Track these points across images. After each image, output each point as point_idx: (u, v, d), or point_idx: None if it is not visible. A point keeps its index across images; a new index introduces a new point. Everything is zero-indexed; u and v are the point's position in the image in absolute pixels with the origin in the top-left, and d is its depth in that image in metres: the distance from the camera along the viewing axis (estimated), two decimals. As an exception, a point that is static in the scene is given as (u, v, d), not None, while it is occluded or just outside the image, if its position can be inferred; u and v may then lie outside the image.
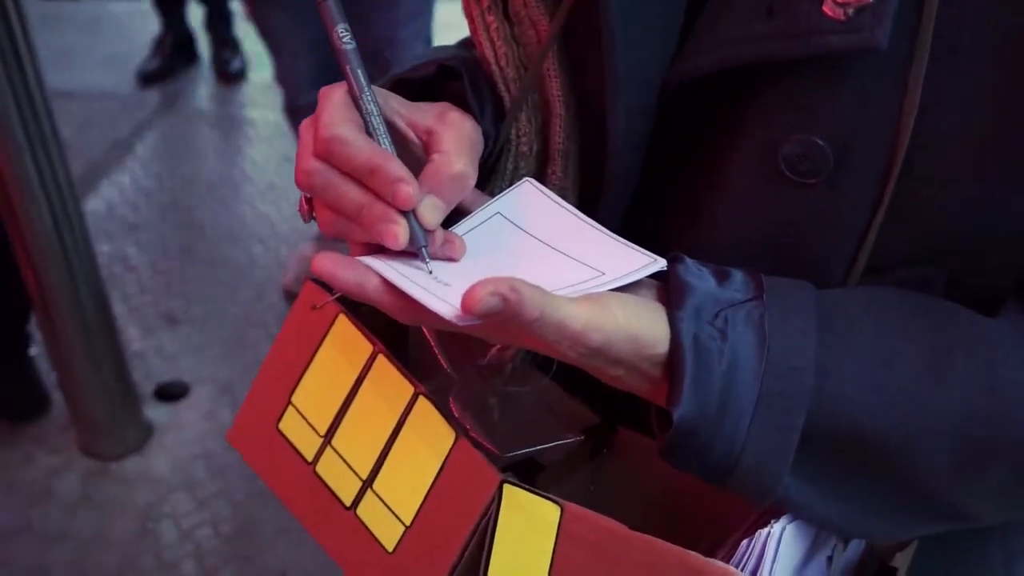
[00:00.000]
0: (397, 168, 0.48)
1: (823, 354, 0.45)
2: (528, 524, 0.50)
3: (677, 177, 0.54)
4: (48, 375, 2.01)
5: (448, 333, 0.57)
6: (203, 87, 3.39)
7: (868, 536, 0.52)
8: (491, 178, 0.57)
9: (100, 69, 3.45)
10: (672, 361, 0.45)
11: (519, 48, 0.55)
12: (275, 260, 2.45)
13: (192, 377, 2.12)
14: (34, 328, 1.93)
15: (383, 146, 0.49)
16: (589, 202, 0.54)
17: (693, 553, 0.47)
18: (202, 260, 2.52)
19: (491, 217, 0.52)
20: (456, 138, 0.51)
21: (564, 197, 0.54)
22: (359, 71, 0.50)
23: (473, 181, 0.51)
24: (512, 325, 0.42)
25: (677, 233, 0.53)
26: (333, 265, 0.46)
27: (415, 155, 0.52)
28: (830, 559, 0.51)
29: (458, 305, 0.43)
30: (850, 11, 0.44)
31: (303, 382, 0.60)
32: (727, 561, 0.48)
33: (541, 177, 0.55)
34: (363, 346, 0.57)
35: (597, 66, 0.50)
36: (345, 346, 0.58)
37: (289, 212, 2.61)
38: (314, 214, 0.52)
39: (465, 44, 0.61)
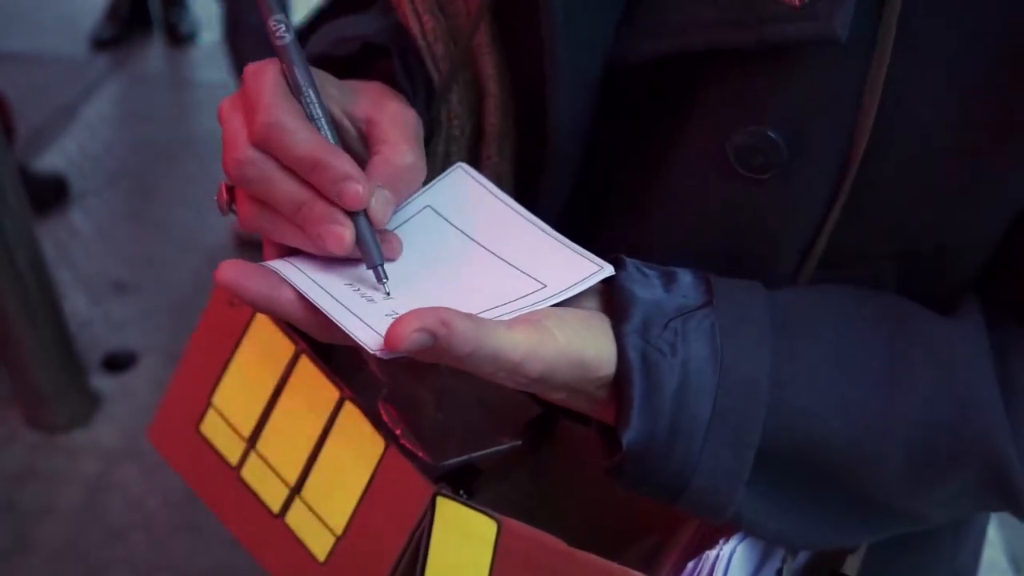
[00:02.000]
0: (345, 164, 0.41)
1: (778, 364, 0.41)
2: (463, 539, 0.46)
3: (622, 166, 0.49)
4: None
5: None
6: (153, 50, 3.27)
7: (821, 547, 0.48)
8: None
9: (48, 32, 3.30)
10: (619, 383, 0.41)
11: (447, 21, 0.49)
12: (227, 224, 2.36)
13: (140, 345, 2.04)
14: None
15: (327, 138, 0.43)
16: (528, 186, 0.49)
17: (635, 573, 0.43)
18: (152, 225, 2.42)
19: (421, 211, 0.46)
20: (401, 127, 0.45)
21: (501, 181, 0.49)
22: (300, 66, 0.43)
23: (423, 175, 0.45)
24: (441, 359, 0.38)
25: (622, 226, 0.48)
26: (239, 274, 0.40)
27: (350, 146, 0.46)
28: (779, 572, 0.48)
29: (382, 335, 0.37)
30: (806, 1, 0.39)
31: (223, 383, 0.55)
32: None
33: (476, 160, 0.50)
34: (284, 345, 0.52)
35: (533, 41, 0.44)
36: (265, 345, 0.53)
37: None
38: (234, 206, 0.45)
39: (385, 8, 0.53)
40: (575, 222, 0.47)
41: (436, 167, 0.50)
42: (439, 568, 0.47)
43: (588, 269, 0.42)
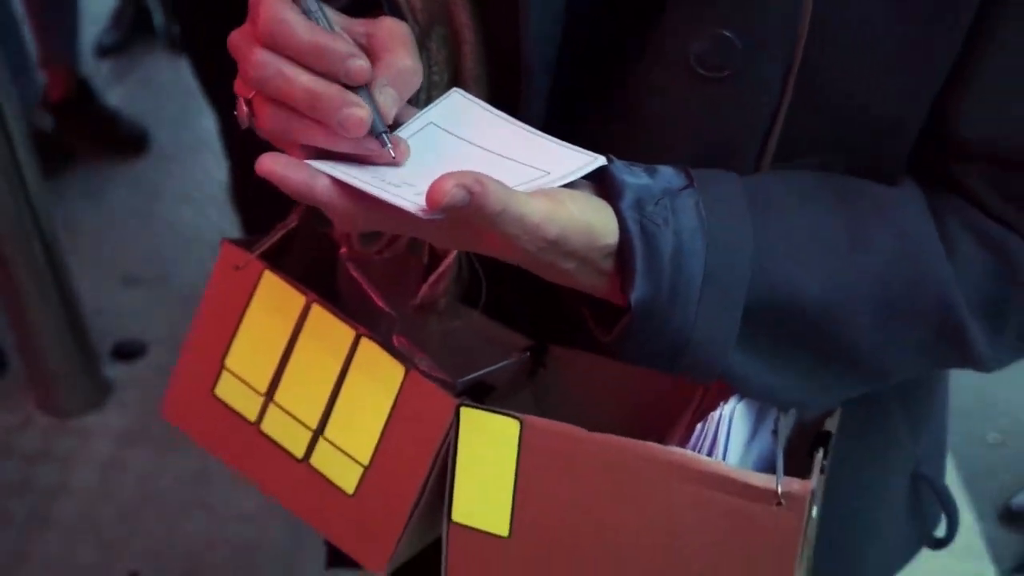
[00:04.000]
0: (345, 45, 0.44)
1: (757, 232, 0.46)
2: (489, 443, 0.49)
3: (592, 86, 0.53)
4: (6, 335, 1.94)
5: (376, 275, 0.55)
6: (155, 56, 3.28)
7: (805, 403, 0.53)
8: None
9: (53, 39, 3.30)
10: (623, 249, 0.45)
11: None
12: (230, 221, 2.39)
13: (149, 336, 2.07)
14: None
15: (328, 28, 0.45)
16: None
17: (651, 443, 0.46)
18: (157, 222, 2.45)
19: (425, 127, 0.48)
20: (398, 38, 0.47)
21: None
22: None
23: (420, 78, 0.47)
24: (474, 220, 0.41)
25: (598, 138, 0.50)
26: (279, 166, 0.43)
27: None
28: (775, 433, 0.51)
29: (419, 201, 0.40)
30: None
31: (234, 345, 0.57)
32: (683, 446, 0.48)
33: None
34: (294, 298, 0.54)
35: None
36: (275, 302, 0.55)
37: (243, 177, 2.54)
38: (253, 118, 0.46)
39: None
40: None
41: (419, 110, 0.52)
42: (468, 475, 0.49)
43: (584, 160, 0.46)
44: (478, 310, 0.58)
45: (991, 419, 2.07)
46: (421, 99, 0.52)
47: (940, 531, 0.72)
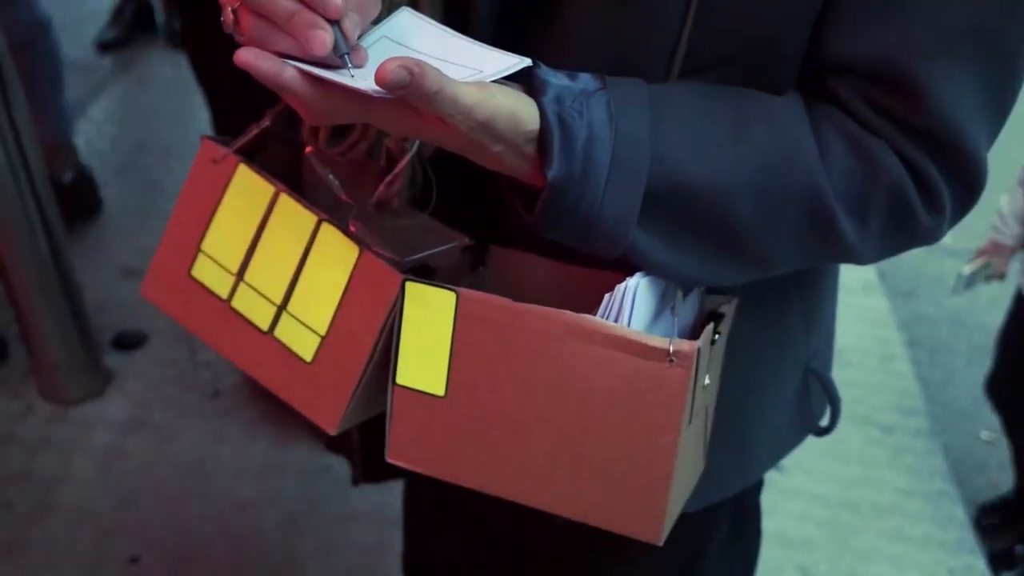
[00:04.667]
0: None
1: (656, 125, 0.53)
2: (429, 314, 0.56)
3: (534, 9, 0.60)
4: (9, 325, 1.95)
5: (339, 173, 0.62)
6: (156, 52, 3.29)
7: (699, 282, 0.61)
8: None
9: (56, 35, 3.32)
10: (542, 134, 0.51)
11: None
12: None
13: (148, 327, 2.08)
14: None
15: None
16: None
17: (569, 312, 0.54)
18: (157, 216, 2.46)
19: (378, 40, 0.55)
20: None
21: None
22: None
23: (380, 6, 0.55)
24: (414, 100, 0.47)
25: (532, 57, 0.57)
26: (252, 56, 0.49)
27: None
28: (672, 308, 0.59)
29: (372, 86, 0.47)
30: None
31: (210, 231, 0.63)
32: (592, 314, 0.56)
33: None
34: (265, 189, 0.60)
35: None
36: (247, 192, 0.61)
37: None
38: (237, 26, 0.52)
39: None
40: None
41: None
42: (411, 342, 0.56)
43: (513, 60, 0.53)
44: (427, 212, 0.65)
45: (984, 418, 2.10)
46: (383, 13, 0.58)
47: (824, 421, 0.81)
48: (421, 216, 0.65)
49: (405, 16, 0.56)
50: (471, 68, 0.52)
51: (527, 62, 0.53)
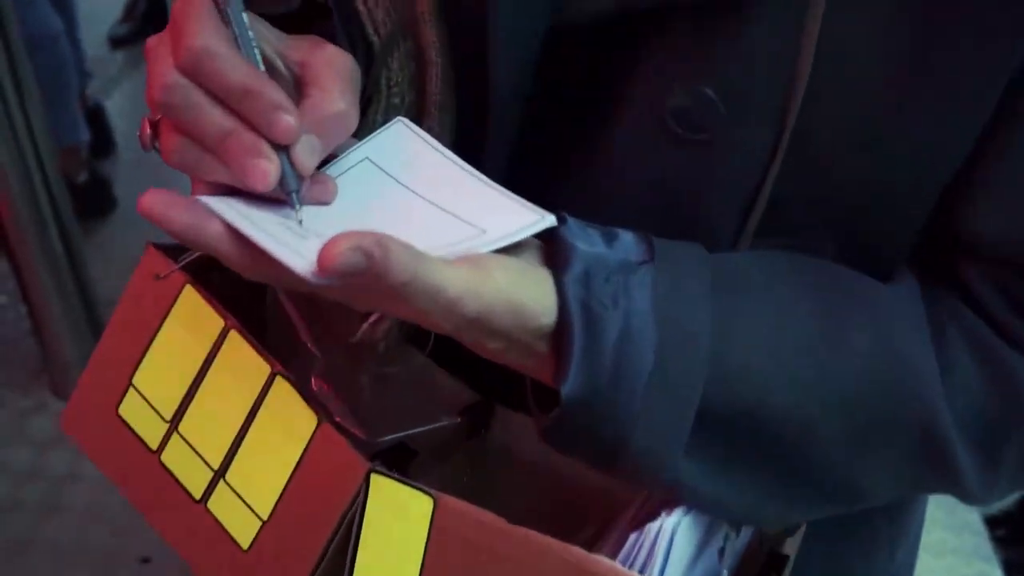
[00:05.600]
0: (278, 94, 0.38)
1: (718, 320, 0.40)
2: (398, 518, 0.43)
3: (563, 137, 0.47)
4: (22, 322, 1.95)
5: (313, 305, 0.49)
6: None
7: (761, 521, 0.46)
8: (358, 131, 0.48)
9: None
10: (560, 332, 0.38)
11: None
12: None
13: (161, 326, 2.07)
14: (7, 274, 1.90)
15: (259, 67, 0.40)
16: (470, 160, 0.46)
17: (575, 548, 0.40)
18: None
19: (359, 163, 0.43)
20: (336, 74, 0.41)
21: None
22: None
23: (355, 123, 0.42)
24: (377, 289, 0.35)
25: (563, 199, 0.45)
26: (165, 204, 0.38)
27: (283, 89, 0.42)
28: (722, 551, 0.45)
29: (315, 260, 0.34)
30: None
31: (145, 361, 0.51)
32: (614, 555, 0.43)
33: None
34: (213, 321, 0.48)
35: (475, 6, 0.42)
36: (193, 321, 0.49)
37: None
38: (156, 143, 0.42)
39: None
40: (516, 192, 0.44)
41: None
42: (372, 549, 0.44)
43: (529, 218, 0.39)
44: (425, 353, 0.52)
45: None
46: (377, 122, 0.46)
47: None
48: (415, 359, 0.52)
49: (398, 130, 0.44)
50: (473, 225, 0.40)
51: (550, 220, 0.39)
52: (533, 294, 0.38)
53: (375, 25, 0.46)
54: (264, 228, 0.38)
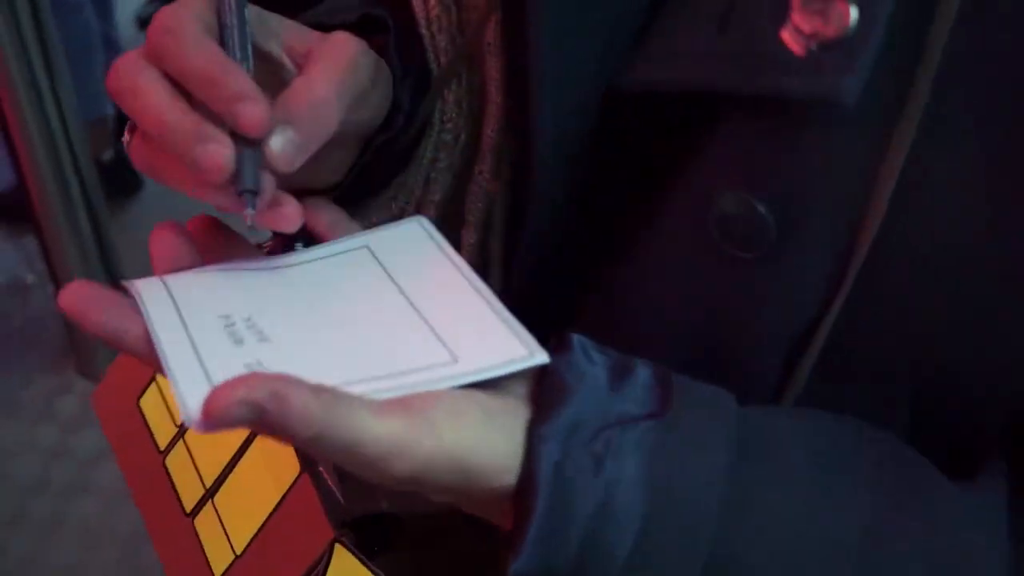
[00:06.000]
0: (241, 82, 0.33)
1: (731, 505, 0.31)
2: None
3: (606, 217, 0.41)
4: (50, 302, 1.94)
5: None
6: None
7: None
8: (406, 165, 0.44)
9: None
10: (520, 499, 0.31)
11: (459, 13, 0.41)
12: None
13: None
14: (35, 254, 1.86)
15: (240, 59, 0.36)
16: (513, 221, 0.42)
17: None
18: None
19: (356, 249, 0.39)
20: (333, 59, 0.37)
21: (492, 206, 0.41)
22: None
23: (337, 114, 0.36)
24: (280, 438, 0.29)
25: (597, 300, 0.40)
26: (83, 302, 0.33)
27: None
28: None
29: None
30: (813, 46, 0.31)
31: None
32: None
33: (466, 175, 0.42)
34: None
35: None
36: None
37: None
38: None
39: None
40: (552, 285, 0.40)
41: (421, 173, 0.43)
42: None
43: (516, 352, 0.33)
44: None
45: None
46: (426, 157, 0.42)
47: None
48: None
49: (413, 228, 0.40)
50: (447, 348, 0.34)
51: (539, 359, 0.32)
52: (490, 451, 0.31)
53: (436, 52, 0.42)
54: (193, 327, 0.34)
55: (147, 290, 0.36)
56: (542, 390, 0.32)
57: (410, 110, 0.42)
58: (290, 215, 0.37)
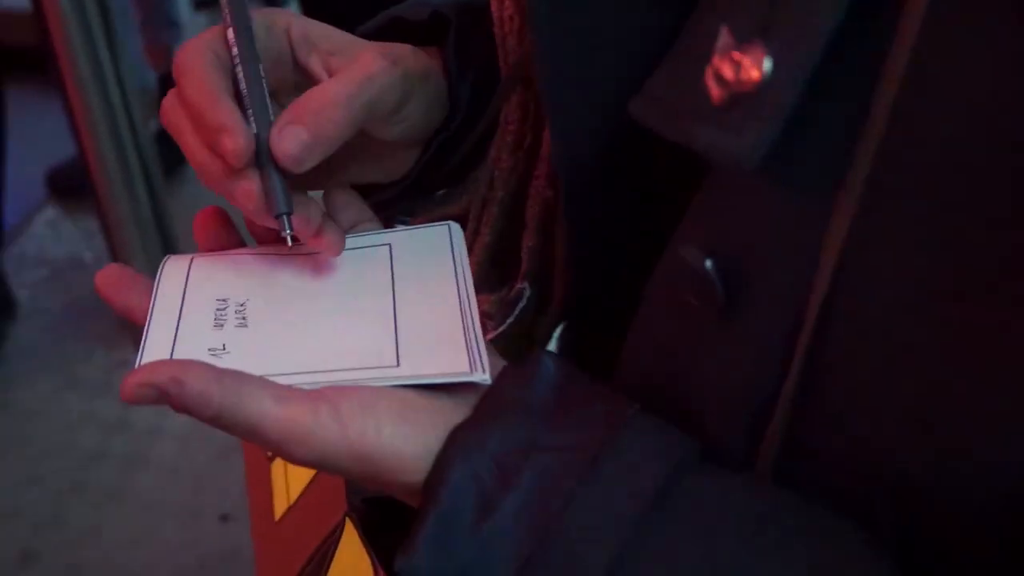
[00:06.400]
0: (220, 114, 0.36)
1: (623, 557, 0.30)
2: (351, 571, 0.41)
3: (618, 253, 0.40)
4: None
5: None
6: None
7: None
8: (477, 158, 0.45)
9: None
10: (422, 496, 0.32)
11: None
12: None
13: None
14: (95, 231, 1.89)
15: (247, 91, 0.38)
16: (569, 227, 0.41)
17: None
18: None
19: (377, 246, 0.42)
20: (350, 72, 0.39)
21: (545, 214, 0.41)
22: (235, 3, 0.39)
23: (350, 114, 0.37)
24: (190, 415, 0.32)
25: (592, 327, 0.40)
26: (111, 283, 0.38)
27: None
28: None
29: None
30: (726, 96, 0.27)
31: None
32: None
33: (525, 180, 0.42)
34: None
35: None
36: None
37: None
38: None
39: None
40: (609, 301, 0.40)
41: (487, 171, 0.44)
42: None
43: (456, 367, 0.35)
44: None
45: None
46: (490, 155, 0.43)
47: None
48: None
49: (440, 233, 0.42)
50: (397, 353, 0.36)
51: (479, 378, 0.34)
52: (398, 448, 0.32)
53: (505, 52, 0.41)
54: (188, 306, 0.38)
55: (171, 267, 0.40)
56: (481, 401, 0.33)
57: (473, 109, 0.43)
58: (332, 242, 0.39)
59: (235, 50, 0.39)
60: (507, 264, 0.45)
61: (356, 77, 0.38)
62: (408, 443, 0.32)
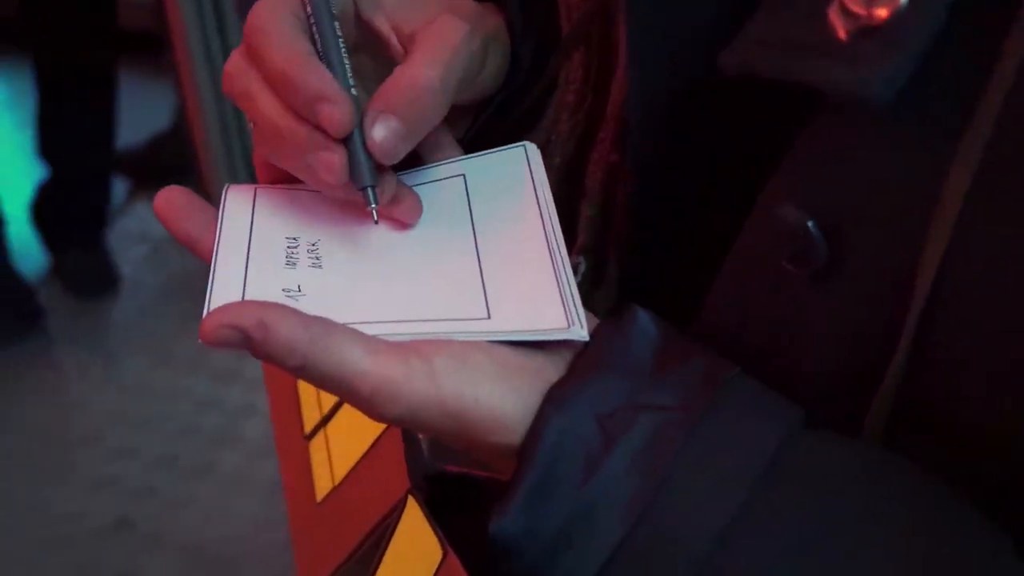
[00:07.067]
0: (320, 81, 0.33)
1: (737, 523, 0.28)
2: (414, 550, 0.39)
3: (693, 215, 0.38)
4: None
5: None
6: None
7: None
8: (532, 121, 0.43)
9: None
10: (520, 457, 0.30)
11: None
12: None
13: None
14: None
15: (324, 53, 0.35)
16: (631, 194, 0.39)
17: None
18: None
19: (451, 177, 0.39)
20: (438, 47, 0.35)
21: (612, 177, 0.39)
22: None
23: (445, 99, 0.35)
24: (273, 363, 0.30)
25: (668, 291, 0.37)
26: (173, 208, 0.36)
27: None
28: None
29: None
30: (854, 30, 0.26)
31: None
32: None
33: (586, 144, 0.40)
34: None
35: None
36: None
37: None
38: None
39: None
40: (670, 273, 0.38)
41: (542, 134, 0.41)
42: (391, 567, 0.41)
43: (552, 322, 0.32)
44: None
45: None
46: (548, 117, 0.41)
47: None
48: None
49: (517, 155, 0.39)
50: (485, 304, 0.34)
51: (577, 334, 0.31)
52: (493, 406, 0.30)
53: (568, 10, 0.39)
54: (257, 244, 0.35)
55: (234, 198, 0.37)
56: (578, 358, 0.31)
57: (533, 69, 0.41)
58: (411, 208, 0.37)
59: (309, 8, 0.36)
60: None
61: (443, 57, 0.35)
62: (505, 402, 0.30)
